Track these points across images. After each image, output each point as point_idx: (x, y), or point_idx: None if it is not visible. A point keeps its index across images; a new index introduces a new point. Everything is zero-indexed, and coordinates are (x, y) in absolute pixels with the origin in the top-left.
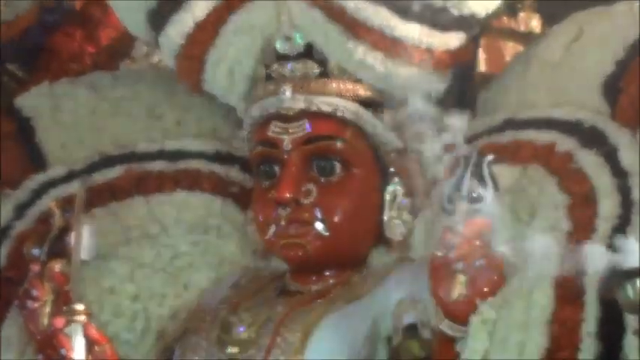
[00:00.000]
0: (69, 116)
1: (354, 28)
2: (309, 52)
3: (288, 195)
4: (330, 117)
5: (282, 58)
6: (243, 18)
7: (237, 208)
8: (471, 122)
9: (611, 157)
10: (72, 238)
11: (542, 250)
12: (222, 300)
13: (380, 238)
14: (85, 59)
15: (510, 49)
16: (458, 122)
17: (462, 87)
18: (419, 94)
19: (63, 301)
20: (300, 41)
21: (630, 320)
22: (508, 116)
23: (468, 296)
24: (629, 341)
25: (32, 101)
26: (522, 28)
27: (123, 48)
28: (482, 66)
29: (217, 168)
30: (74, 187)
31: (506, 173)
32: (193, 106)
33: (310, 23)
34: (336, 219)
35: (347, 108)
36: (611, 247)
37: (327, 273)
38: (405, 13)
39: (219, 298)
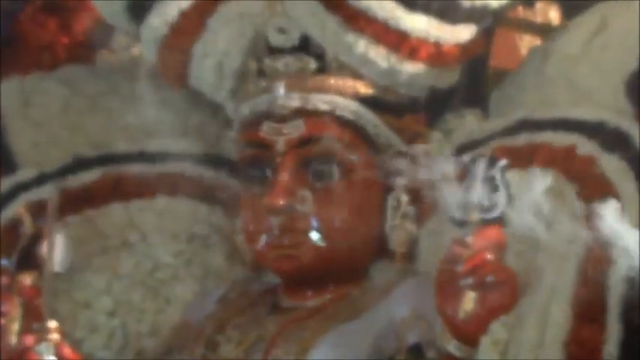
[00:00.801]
0: (40, 114)
1: (355, 19)
2: (305, 45)
3: (281, 202)
4: (327, 116)
5: (276, 51)
6: (233, 7)
7: (225, 216)
8: (483, 123)
9: (636, 161)
10: (44, 247)
11: (559, 264)
12: (207, 316)
13: (382, 250)
14: (59, 51)
15: (526, 42)
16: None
17: (473, 84)
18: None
19: (33, 317)
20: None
21: None
22: (523, 116)
23: (477, 314)
24: None
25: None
26: (539, 20)
27: (100, 39)
28: (495, 61)
29: (203, 171)
30: (46, 192)
31: (517, 179)
32: (177, 103)
33: (306, 13)
34: (333, 228)
35: (346, 107)
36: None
37: (324, 287)
38: (410, 3)
39: (204, 313)
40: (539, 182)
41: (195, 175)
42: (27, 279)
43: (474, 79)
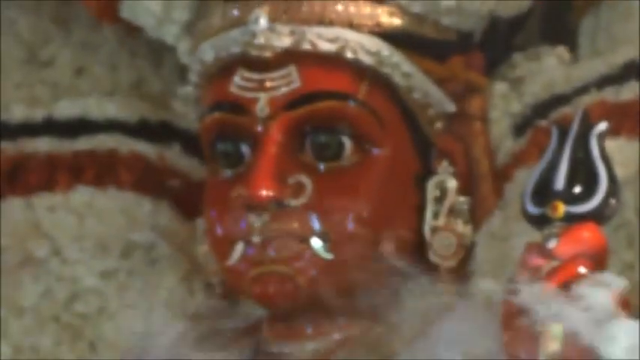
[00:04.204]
0: None
1: None
2: None
3: (265, 192)
4: (333, 61)
5: None
6: None
7: (178, 215)
8: (570, 67)
9: None
10: None
11: None
12: None
13: (419, 263)
14: None
15: None
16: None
17: (554, 10)
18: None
19: None
20: None
21: None
22: (632, 56)
23: (566, 358)
24: None
25: None
26: None
27: None
28: None
29: (145, 148)
30: None
31: (628, 152)
32: (104, 45)
33: None
34: (345, 232)
35: (362, 46)
36: None
37: (331, 322)
38: None
39: None
40: None
41: (132, 152)
42: None
43: (555, 1)
